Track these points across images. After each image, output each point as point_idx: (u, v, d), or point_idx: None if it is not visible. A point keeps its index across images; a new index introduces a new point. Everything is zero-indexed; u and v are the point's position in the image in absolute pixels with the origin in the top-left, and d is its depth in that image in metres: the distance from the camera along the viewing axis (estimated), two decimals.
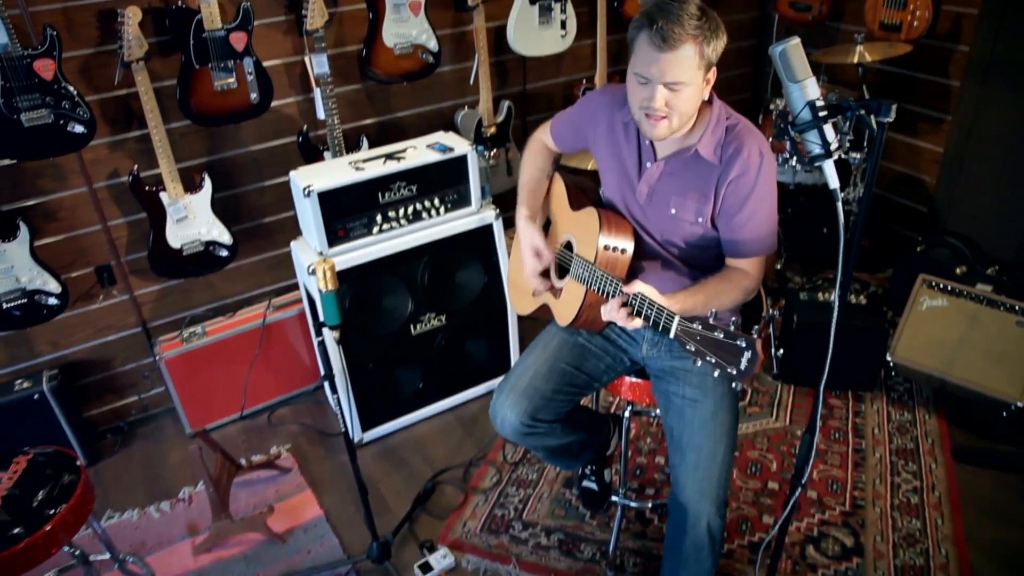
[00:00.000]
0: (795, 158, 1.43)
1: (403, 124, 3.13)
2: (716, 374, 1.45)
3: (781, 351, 3.03)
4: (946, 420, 2.80)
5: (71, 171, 2.55)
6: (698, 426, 1.84)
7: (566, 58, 3.41)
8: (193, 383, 2.88)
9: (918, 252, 3.14)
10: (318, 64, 2.70)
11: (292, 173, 2.57)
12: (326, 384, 2.12)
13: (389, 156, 2.65)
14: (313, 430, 2.98)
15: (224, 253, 2.80)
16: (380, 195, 2.63)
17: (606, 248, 1.84)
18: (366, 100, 3.02)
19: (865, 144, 3.13)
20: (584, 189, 2.13)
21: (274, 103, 2.77)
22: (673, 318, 1.52)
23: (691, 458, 1.82)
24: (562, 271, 2.03)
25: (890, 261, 3.53)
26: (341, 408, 2.13)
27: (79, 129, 2.36)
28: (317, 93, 2.76)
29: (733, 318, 1.98)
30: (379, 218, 2.66)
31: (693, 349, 1.48)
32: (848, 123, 1.38)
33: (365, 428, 2.87)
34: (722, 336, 1.43)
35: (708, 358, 1.46)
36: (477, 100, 3.17)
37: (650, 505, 2.52)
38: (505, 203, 2.88)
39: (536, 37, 3.11)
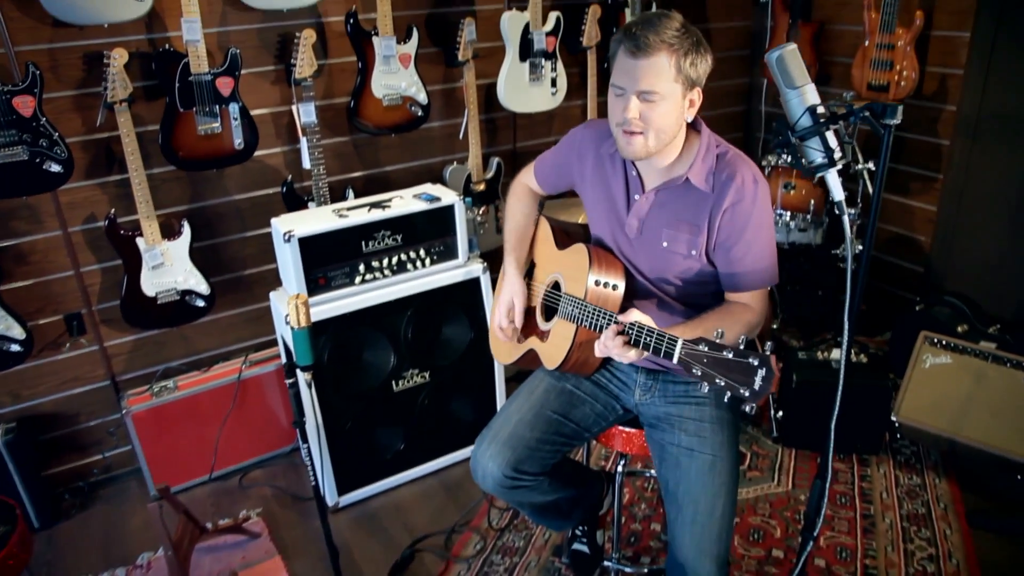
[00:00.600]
0: (797, 167, 1.35)
1: (391, 178, 3.10)
2: (727, 397, 1.33)
3: (780, 413, 2.91)
4: (957, 483, 2.65)
5: (46, 213, 2.48)
6: (695, 477, 1.71)
7: (556, 117, 3.42)
8: (161, 441, 2.71)
9: (917, 311, 3.06)
10: (305, 113, 2.68)
11: (274, 220, 2.51)
12: (299, 437, 1.99)
13: (374, 204, 2.59)
14: (287, 494, 2.80)
15: (200, 303, 2.70)
16: (364, 244, 2.56)
17: (596, 284, 1.75)
18: (353, 153, 2.99)
19: (859, 200, 3.10)
20: (570, 232, 2.06)
21: (260, 152, 2.74)
22: (676, 341, 1.41)
23: (688, 512, 1.68)
24: (549, 313, 1.94)
25: (888, 324, 3.44)
26: (312, 459, 1.99)
27: (55, 168, 2.30)
28: (304, 142, 2.73)
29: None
30: (362, 268, 2.57)
31: (699, 373, 1.36)
32: (851, 129, 1.31)
33: (342, 491, 2.69)
34: (731, 356, 1.31)
35: (717, 381, 1.33)
36: (466, 156, 3.15)
37: (646, 571, 2.34)
38: (494, 261, 2.81)
39: (526, 94, 3.12)
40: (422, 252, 2.68)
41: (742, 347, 1.32)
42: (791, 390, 2.83)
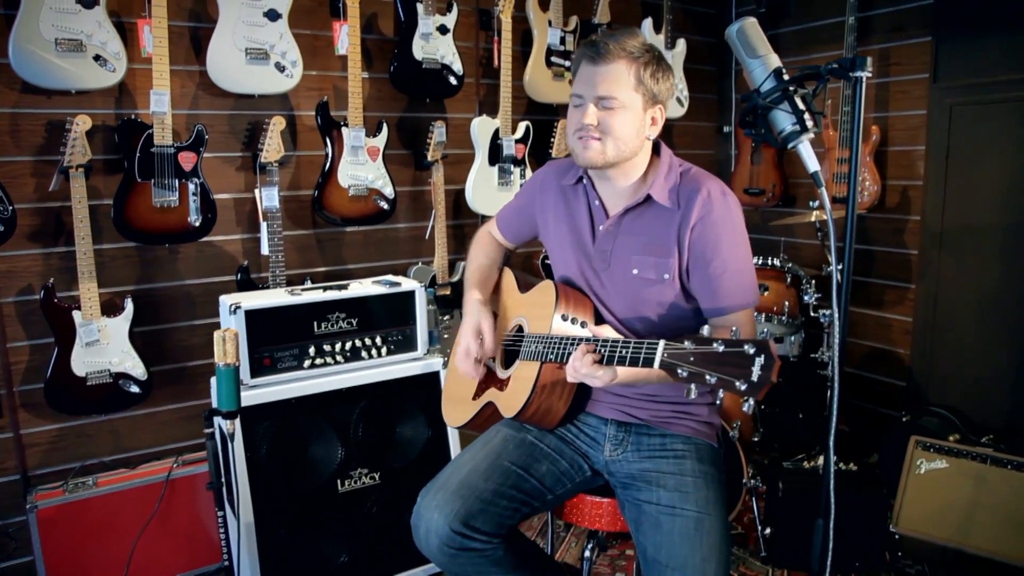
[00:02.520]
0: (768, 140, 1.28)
1: (353, 275, 3.01)
2: (721, 395, 1.15)
3: (768, 530, 2.63)
4: None
5: None
6: (679, 538, 1.47)
7: None
8: (68, 546, 2.37)
9: (904, 423, 2.88)
10: (267, 197, 2.65)
11: (222, 297, 2.38)
12: (218, 523, 1.74)
13: (331, 287, 2.49)
14: None
15: (135, 389, 2.49)
16: (316, 325, 2.42)
17: (564, 319, 1.61)
18: (316, 247, 2.93)
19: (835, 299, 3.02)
20: (533, 282, 1.94)
21: (217, 237, 2.67)
22: (656, 344, 1.24)
23: None
24: (510, 360, 1.77)
25: (874, 446, 3.24)
26: (227, 528, 1.71)
27: None
28: (264, 228, 2.67)
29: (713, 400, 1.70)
30: (312, 351, 2.41)
31: (686, 374, 1.18)
32: (820, 93, 1.26)
33: None
34: (723, 348, 1.15)
35: (708, 378, 1.15)
36: (432, 260, 3.10)
37: None
38: None
39: (495, 198, 3.13)
40: (378, 340, 2.54)
41: (735, 336, 1.16)
42: (778, 502, 2.58)
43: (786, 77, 1.25)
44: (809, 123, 1.26)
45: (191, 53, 2.57)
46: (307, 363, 2.41)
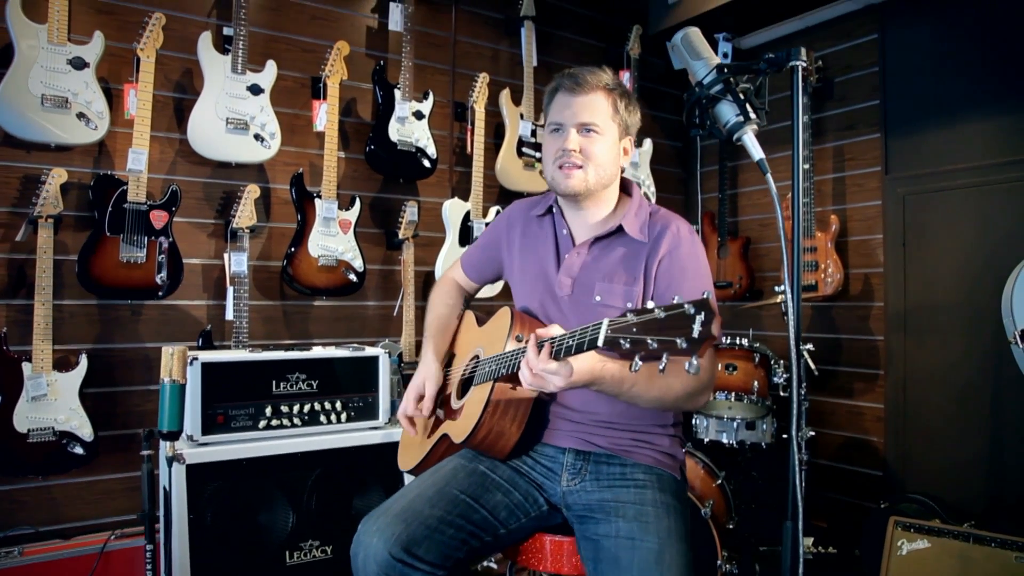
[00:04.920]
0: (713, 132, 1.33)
1: None
2: (665, 360, 1.11)
3: None
4: None
5: None
6: (639, 572, 1.38)
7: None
8: None
9: (882, 508, 2.78)
10: (236, 262, 2.66)
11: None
12: (146, 545, 1.61)
13: (293, 346, 2.45)
14: None
15: (79, 451, 2.37)
16: (275, 384, 2.36)
17: (518, 339, 1.59)
18: (282, 318, 2.91)
19: (805, 380, 3.00)
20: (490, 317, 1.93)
21: (183, 301, 2.65)
22: (600, 324, 1.22)
23: None
24: (466, 389, 1.73)
25: (854, 540, 3.10)
26: (155, 567, 1.58)
27: None
28: (230, 292, 2.66)
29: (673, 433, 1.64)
30: (269, 411, 2.34)
31: (629, 346, 1.14)
32: (760, 85, 1.31)
33: None
34: (664, 314, 1.12)
35: (650, 344, 1.11)
36: (399, 339, 3.07)
37: None
38: None
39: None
40: (339, 405, 2.47)
41: (675, 300, 1.14)
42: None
43: (726, 70, 1.32)
44: (752, 114, 1.31)
45: (173, 122, 2.67)
46: (263, 423, 2.33)
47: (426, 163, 3.08)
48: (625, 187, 1.72)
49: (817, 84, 3.32)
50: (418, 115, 3.04)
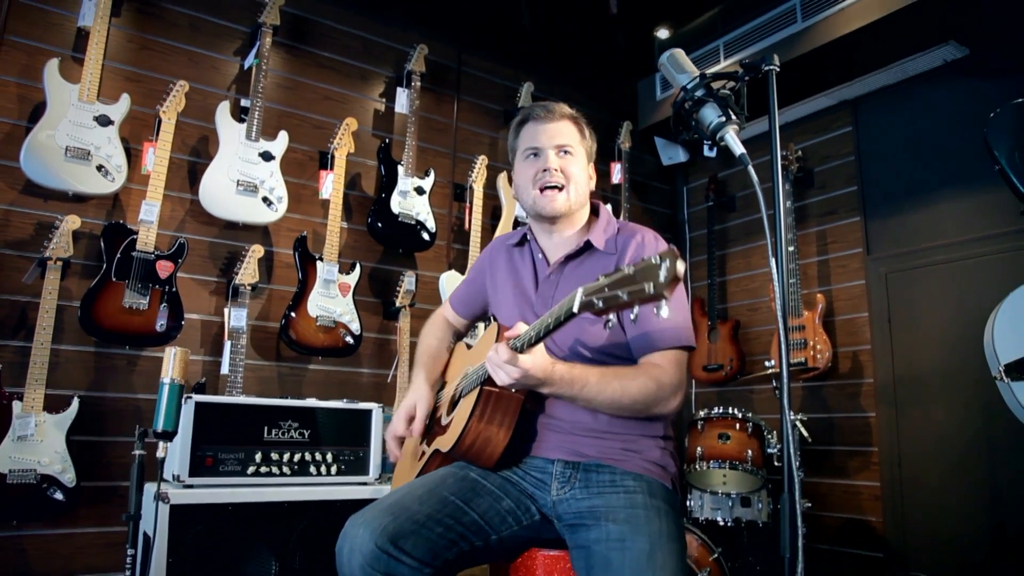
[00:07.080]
0: (699, 136, 1.43)
1: None
2: (636, 311, 1.16)
3: None
4: None
5: None
6: (630, 573, 1.35)
7: None
8: None
9: None
10: (236, 318, 2.70)
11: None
12: (128, 549, 1.57)
13: (286, 396, 2.46)
14: None
15: (59, 496, 2.31)
16: (266, 430, 2.36)
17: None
18: (276, 380, 2.91)
19: (799, 452, 2.96)
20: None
21: None
22: (575, 293, 1.27)
23: None
24: (454, 406, 1.74)
25: None
26: (135, 571, 1.52)
27: None
28: (227, 346, 2.69)
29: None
30: (258, 457, 2.32)
31: (602, 304, 1.20)
32: (739, 90, 1.41)
33: None
34: (633, 270, 1.19)
35: (622, 296, 1.17)
36: (392, 407, 3.06)
37: None
38: None
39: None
40: (329, 457, 2.45)
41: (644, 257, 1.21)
42: None
43: (708, 76, 1.44)
44: (732, 116, 1.42)
45: (186, 183, 2.80)
46: (251, 470, 2.30)
47: (425, 236, 3.20)
48: (594, 208, 1.82)
49: (798, 174, 3.52)
50: (419, 191, 3.20)
